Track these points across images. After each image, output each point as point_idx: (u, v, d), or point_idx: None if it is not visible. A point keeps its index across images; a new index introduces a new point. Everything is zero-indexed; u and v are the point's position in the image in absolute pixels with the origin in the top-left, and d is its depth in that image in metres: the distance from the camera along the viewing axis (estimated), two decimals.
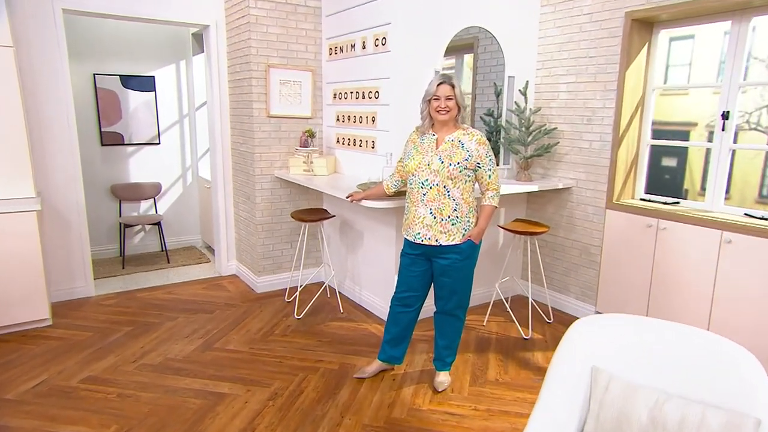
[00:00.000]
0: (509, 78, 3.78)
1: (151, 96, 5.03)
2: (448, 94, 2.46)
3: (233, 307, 3.82)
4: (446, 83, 2.47)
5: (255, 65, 3.84)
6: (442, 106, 2.45)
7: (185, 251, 5.30)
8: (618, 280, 3.40)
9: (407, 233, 2.61)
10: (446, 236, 2.51)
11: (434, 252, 2.56)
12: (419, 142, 2.58)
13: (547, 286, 3.94)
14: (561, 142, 3.66)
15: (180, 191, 5.38)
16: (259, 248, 4.09)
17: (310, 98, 4.06)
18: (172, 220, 5.39)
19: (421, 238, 2.54)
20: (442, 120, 2.48)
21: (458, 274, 2.58)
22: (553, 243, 3.85)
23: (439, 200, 2.48)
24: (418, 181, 2.50)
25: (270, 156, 4.01)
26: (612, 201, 3.38)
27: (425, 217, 2.50)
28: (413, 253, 2.63)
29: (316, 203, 4.26)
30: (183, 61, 5.20)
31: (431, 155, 2.50)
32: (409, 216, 2.57)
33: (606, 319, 1.70)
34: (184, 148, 5.33)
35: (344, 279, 4.10)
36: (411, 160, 2.53)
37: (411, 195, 2.55)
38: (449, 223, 2.49)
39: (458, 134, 2.51)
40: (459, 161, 2.44)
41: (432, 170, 2.46)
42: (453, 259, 2.54)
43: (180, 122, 5.28)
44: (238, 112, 4.15)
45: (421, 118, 2.59)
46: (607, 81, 3.34)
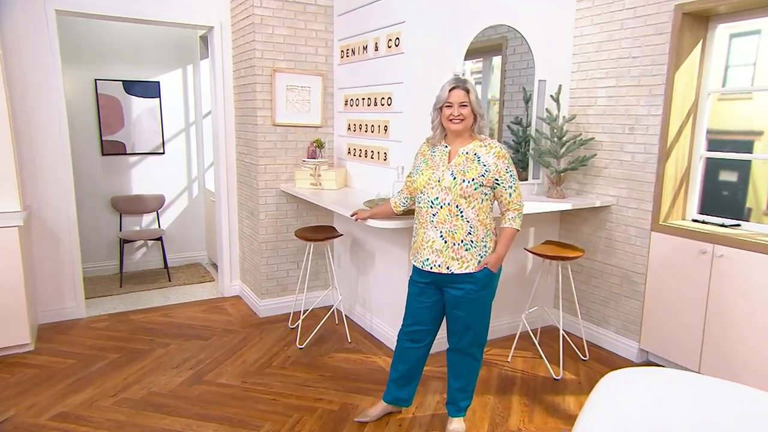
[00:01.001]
0: (540, 82, 3.58)
1: (156, 103, 5.00)
2: (462, 100, 2.27)
3: (231, 333, 3.68)
4: (459, 88, 2.27)
5: (259, 69, 3.74)
6: (455, 114, 2.26)
7: (189, 269, 5.24)
8: (666, 313, 3.14)
9: (415, 259, 2.42)
10: (458, 263, 2.31)
11: (445, 281, 2.36)
12: (430, 155, 2.40)
13: (582, 318, 3.66)
14: (599, 154, 3.45)
15: (185, 204, 5.33)
16: (262, 268, 3.96)
17: (320, 105, 3.94)
18: (176, 235, 5.33)
19: (429, 264, 2.33)
20: (455, 130, 2.30)
21: (473, 307, 2.36)
22: (589, 268, 3.60)
23: (450, 222, 2.28)
24: (428, 199, 2.31)
25: (275, 168, 3.89)
26: (658, 222, 3.14)
27: (434, 240, 2.30)
28: (422, 281, 2.43)
29: (325, 219, 4.12)
30: (190, 65, 5.16)
31: (442, 170, 2.30)
32: (417, 239, 2.38)
33: (646, 375, 1.44)
34: (190, 159, 5.29)
35: (354, 304, 3.94)
36: (420, 176, 2.35)
37: (419, 215, 2.37)
38: (462, 249, 2.29)
39: (474, 146, 2.32)
40: (474, 177, 2.25)
41: (443, 187, 2.27)
42: (467, 289, 2.34)
43: (186, 131, 5.24)
44: (242, 120, 4.07)
45: (432, 128, 2.40)
46: (652, 84, 3.10)
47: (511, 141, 3.80)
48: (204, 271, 5.13)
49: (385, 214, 2.70)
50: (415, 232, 2.42)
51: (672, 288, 3.09)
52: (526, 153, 3.70)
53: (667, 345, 3.15)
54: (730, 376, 2.85)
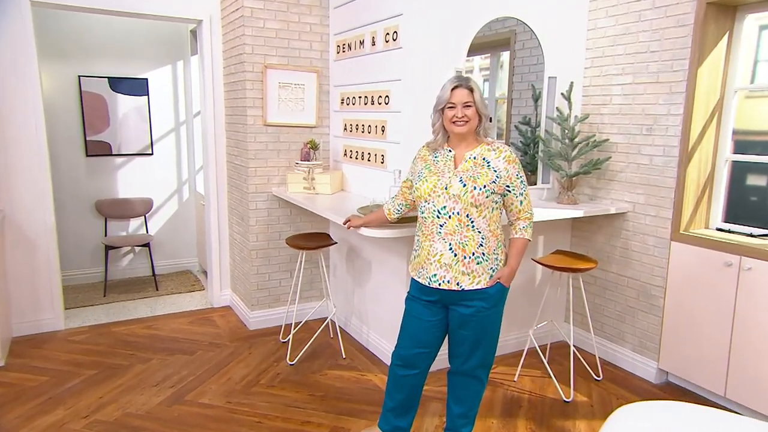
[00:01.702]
0: (549, 79, 3.46)
1: (144, 101, 4.92)
2: (466, 101, 2.15)
3: (218, 348, 3.57)
4: (462, 86, 2.16)
5: (250, 66, 3.64)
6: (459, 115, 2.15)
7: (178, 276, 5.15)
8: (687, 331, 3.00)
9: (419, 275, 2.26)
10: (469, 278, 2.17)
11: (453, 298, 2.22)
12: (432, 160, 2.26)
13: (595, 333, 3.52)
14: (614, 156, 3.33)
15: (175, 208, 5.24)
16: (252, 278, 3.86)
17: (315, 104, 3.84)
18: (164, 241, 5.24)
19: (438, 281, 2.19)
20: (459, 133, 2.18)
21: (483, 326, 2.24)
22: (603, 280, 3.47)
23: (460, 233, 2.15)
24: (434, 208, 2.17)
25: (266, 171, 3.79)
26: (679, 231, 3.01)
27: (443, 254, 2.16)
28: (426, 299, 2.27)
29: (320, 226, 4.01)
30: (180, 61, 5.08)
31: (449, 176, 2.18)
32: (422, 253, 2.23)
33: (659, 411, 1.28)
34: (180, 160, 5.20)
35: (350, 316, 3.83)
36: (423, 183, 2.20)
37: (423, 226, 2.22)
38: (474, 262, 2.16)
39: (482, 150, 2.20)
40: (485, 184, 2.14)
41: (451, 195, 2.14)
42: (477, 307, 2.21)
43: (176, 130, 5.15)
44: (232, 120, 3.97)
45: (433, 132, 2.27)
46: (673, 81, 2.97)
47: (518, 142, 3.68)
48: (194, 280, 5.04)
49: (378, 221, 2.58)
50: (417, 245, 2.27)
51: (694, 303, 2.95)
52: (534, 155, 3.58)
53: (689, 365, 3.00)
54: (760, 402, 2.69)
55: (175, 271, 5.28)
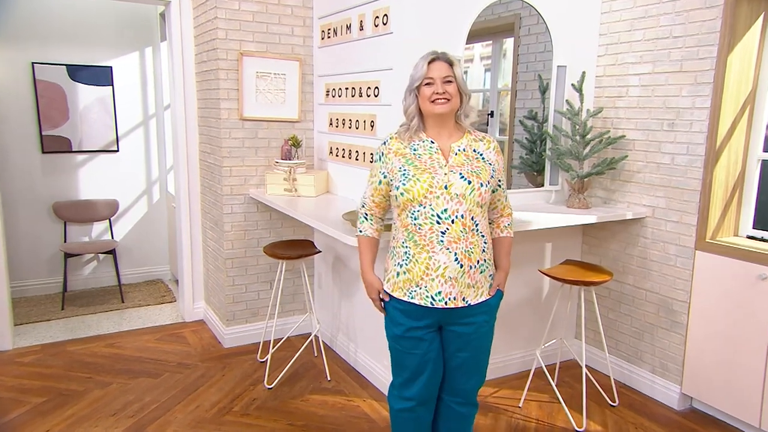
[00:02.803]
0: (559, 68, 3.34)
1: (108, 91, 4.78)
2: (446, 75, 1.98)
3: (188, 369, 3.43)
4: (440, 59, 2.01)
5: (223, 53, 3.50)
6: (440, 91, 1.97)
7: (148, 287, 5.01)
8: (715, 351, 2.88)
9: (413, 294, 2.02)
10: (474, 291, 2.04)
11: (454, 317, 2.04)
12: (410, 154, 2.05)
13: (610, 353, 3.38)
14: (630, 155, 3.22)
15: (144, 211, 5.11)
16: (227, 290, 3.73)
17: (297, 96, 3.72)
18: (132, 247, 5.11)
19: (443, 299, 2.00)
20: (440, 113, 2.00)
21: (481, 342, 2.12)
22: (618, 293, 3.36)
23: (466, 239, 1.99)
24: (431, 213, 1.97)
25: (243, 170, 3.66)
26: (704, 239, 2.89)
27: (447, 266, 1.98)
28: (419, 325, 2.05)
29: (304, 232, 3.89)
30: (148, 48, 4.94)
31: (444, 172, 1.99)
32: (416, 268, 2.00)
33: None
34: (149, 157, 5.07)
35: (336, 332, 3.71)
36: (415, 183, 1.98)
37: (417, 235, 1.99)
38: (478, 271, 2.04)
39: (469, 141, 2.08)
40: (488, 180, 2.04)
41: (453, 195, 1.97)
42: (479, 322, 2.07)
43: (145, 124, 5.02)
44: (205, 113, 3.84)
45: (405, 118, 2.08)
46: (698, 71, 2.86)
47: (524, 139, 3.57)
48: (165, 290, 4.92)
49: (375, 252, 2.24)
50: (406, 259, 2.03)
51: (723, 320, 2.83)
52: (541, 154, 3.46)
53: (717, 391, 2.88)
54: None
55: (144, 281, 5.15)
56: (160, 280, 5.16)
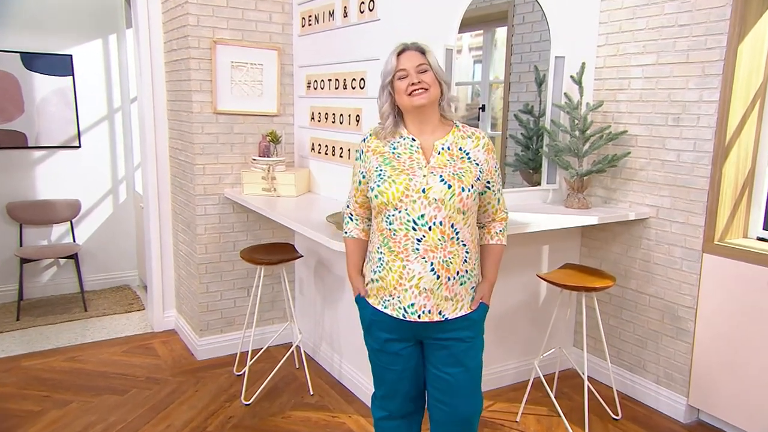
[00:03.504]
0: (557, 59, 3.30)
1: (68, 82, 4.67)
2: (419, 63, 1.90)
3: (158, 384, 3.33)
4: (410, 49, 1.93)
5: (195, 41, 3.41)
6: (415, 81, 1.89)
7: (114, 294, 4.92)
8: (724, 361, 2.86)
9: (385, 304, 1.97)
10: (452, 304, 1.95)
11: (431, 331, 1.98)
12: (390, 153, 1.97)
13: (611, 362, 3.34)
14: (633, 152, 3.19)
15: (109, 212, 5.02)
16: (201, 297, 3.64)
17: (276, 88, 3.65)
18: (96, 251, 5.00)
19: (416, 312, 1.92)
20: (419, 105, 1.90)
21: (469, 361, 2.01)
22: (620, 298, 3.33)
23: (444, 248, 1.90)
24: (407, 218, 1.89)
25: (217, 168, 3.59)
26: (712, 241, 2.87)
27: (422, 276, 1.90)
28: (393, 337, 2.01)
29: (283, 234, 3.81)
30: (113, 35, 4.83)
31: (423, 174, 1.90)
32: (389, 276, 1.93)
33: None
34: (115, 154, 4.97)
35: (319, 342, 3.65)
36: (390, 184, 1.90)
37: (392, 241, 1.92)
38: (457, 283, 1.94)
39: (454, 138, 1.98)
40: (472, 183, 1.92)
41: (431, 200, 1.88)
42: (461, 338, 1.98)
43: (109, 118, 4.92)
44: (175, 106, 3.75)
45: (380, 118, 2.01)
46: (706, 61, 2.83)
47: (519, 134, 3.52)
48: (132, 297, 4.82)
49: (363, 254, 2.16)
50: (380, 266, 1.96)
51: (733, 327, 2.81)
52: (538, 150, 3.41)
53: (726, 403, 2.85)
54: None
55: (109, 287, 5.06)
56: (127, 287, 5.07)
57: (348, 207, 2.14)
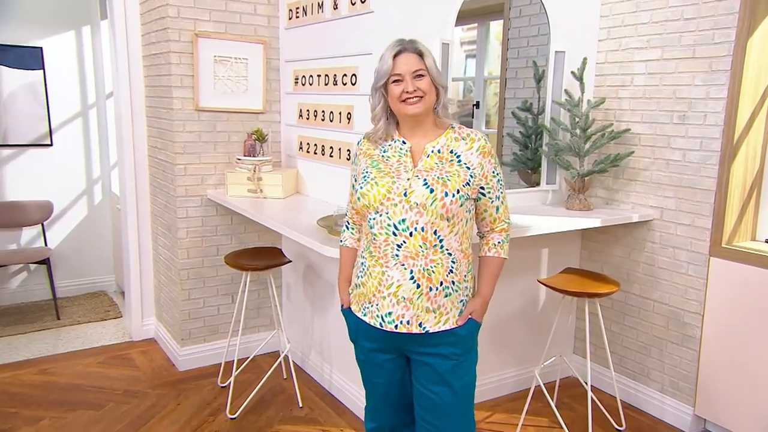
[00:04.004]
0: (557, 54, 3.26)
1: (38, 76, 4.60)
2: (416, 68, 1.85)
3: (136, 398, 3.27)
4: (408, 51, 1.86)
5: (175, 33, 3.34)
6: (410, 90, 1.84)
7: (89, 300, 4.85)
8: (732, 369, 2.84)
9: (365, 311, 1.94)
10: (435, 316, 1.90)
11: (413, 344, 1.93)
12: (379, 156, 1.96)
13: (614, 370, 3.32)
14: (636, 151, 3.17)
15: (84, 214, 4.95)
16: (182, 304, 3.58)
17: (261, 83, 3.61)
18: (70, 256, 4.93)
19: (393, 321, 1.88)
20: (413, 114, 1.88)
21: (455, 380, 1.94)
22: (622, 303, 3.32)
23: (425, 256, 1.86)
24: (388, 222, 1.86)
25: (200, 169, 3.54)
26: (720, 244, 2.86)
27: (401, 285, 1.86)
28: (380, 348, 1.99)
29: (269, 238, 3.77)
30: (86, 27, 4.76)
31: (408, 177, 1.87)
32: (369, 282, 1.91)
33: None
34: (89, 153, 4.91)
35: (308, 351, 3.60)
36: (372, 187, 1.88)
37: (372, 246, 1.90)
38: (441, 294, 1.89)
39: (447, 140, 1.94)
40: (458, 188, 1.86)
41: (413, 204, 1.84)
42: (446, 354, 1.93)
43: (83, 115, 4.86)
44: (154, 103, 3.69)
45: (372, 120, 1.97)
46: (714, 56, 2.82)
47: (517, 133, 3.50)
48: (109, 304, 4.76)
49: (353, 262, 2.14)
50: (362, 271, 1.94)
51: (741, 334, 2.79)
52: (537, 149, 3.39)
53: (736, 413, 2.84)
54: None
55: (84, 293, 4.99)
56: (103, 293, 5.00)
57: (346, 215, 2.15)
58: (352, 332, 2.05)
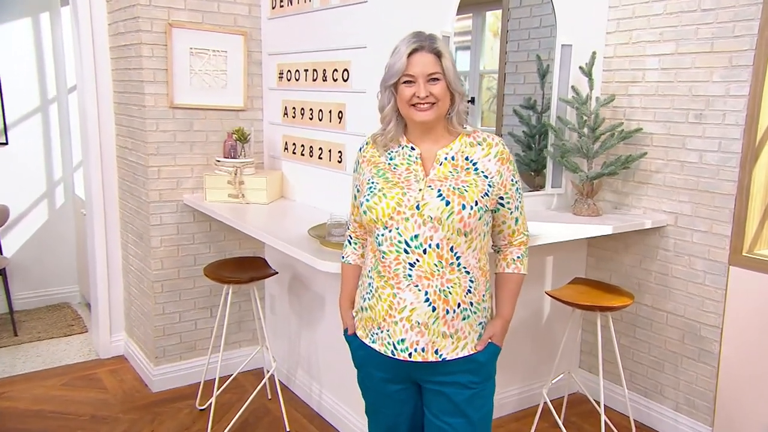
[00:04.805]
0: (563, 48, 3.20)
1: None
2: (431, 72, 1.72)
3: (106, 424, 3.16)
4: (425, 49, 1.73)
5: (146, 23, 3.23)
6: (422, 95, 1.72)
7: (50, 313, 4.71)
8: (755, 386, 2.79)
9: (373, 337, 1.82)
10: (452, 342, 1.79)
11: (427, 373, 1.83)
12: (386, 164, 1.84)
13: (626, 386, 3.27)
14: (649, 152, 3.12)
15: (44, 218, 4.82)
16: (156, 319, 3.47)
17: (242, 78, 3.54)
18: (29, 264, 4.79)
19: (407, 349, 1.77)
20: (422, 121, 1.77)
21: (473, 411, 1.85)
22: (632, 315, 3.27)
23: (441, 275, 1.75)
24: (399, 239, 1.74)
25: (175, 171, 3.43)
26: (741, 252, 2.80)
27: (415, 308, 1.74)
28: (391, 378, 1.87)
29: (251, 246, 3.68)
30: (45, 13, 4.61)
31: (419, 188, 1.76)
32: (378, 305, 1.79)
33: None
34: (50, 152, 4.78)
35: (295, 369, 3.51)
36: (380, 199, 1.76)
37: (381, 265, 1.78)
38: (459, 317, 1.78)
39: (461, 146, 1.83)
40: (477, 199, 1.75)
41: (426, 218, 1.72)
42: (464, 382, 1.82)
43: (43, 111, 4.72)
44: (124, 99, 3.57)
45: (381, 120, 1.85)
46: (734, 51, 2.76)
47: (521, 132, 3.43)
48: (73, 317, 4.61)
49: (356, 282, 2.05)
50: (369, 293, 1.83)
51: (763, 348, 2.75)
52: (541, 150, 3.32)
53: None
54: None
55: (45, 306, 4.84)
56: (66, 305, 4.85)
57: (348, 228, 2.04)
58: (357, 359, 1.94)
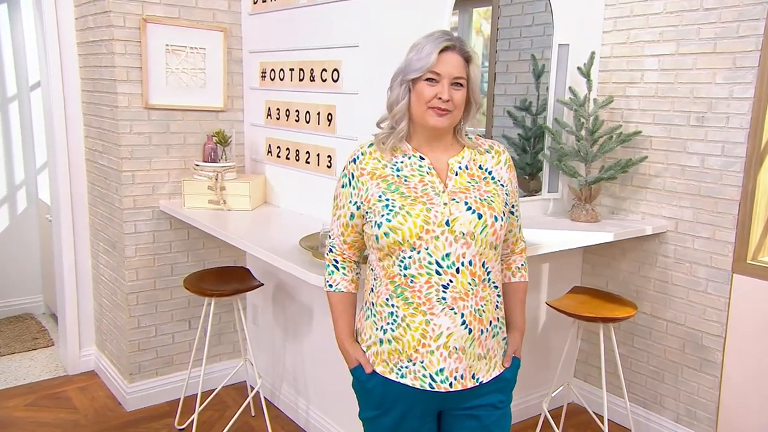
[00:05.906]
0: (560, 47, 3.19)
1: None
2: (458, 75, 1.64)
3: None
4: (455, 50, 1.65)
5: (119, 18, 3.15)
6: (445, 97, 1.63)
7: (12, 325, 4.59)
8: (758, 395, 2.81)
9: (402, 372, 1.70)
10: (486, 363, 1.74)
11: (458, 401, 1.75)
12: (394, 175, 1.72)
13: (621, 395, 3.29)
14: (649, 156, 3.13)
15: (4, 224, 4.73)
16: (130, 333, 3.39)
17: (222, 77, 3.49)
18: None
19: (446, 379, 1.68)
20: (434, 126, 1.68)
21: (501, 430, 1.83)
22: (631, 323, 3.27)
23: (475, 293, 1.68)
24: (429, 260, 1.64)
25: (150, 176, 3.36)
26: (744, 260, 2.81)
27: (452, 333, 1.66)
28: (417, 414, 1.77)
29: (232, 253, 3.62)
30: (3, 4, 4.52)
31: (443, 201, 1.67)
32: (408, 335, 1.67)
33: None
34: (10, 153, 4.69)
35: (279, 384, 3.46)
36: (403, 218, 1.64)
37: (408, 291, 1.67)
38: (490, 336, 1.74)
39: (471, 154, 1.77)
40: (503, 209, 1.74)
41: (458, 234, 1.64)
42: (494, 403, 1.78)
43: (2, 108, 4.63)
44: (94, 99, 3.47)
45: (390, 119, 1.75)
46: (738, 52, 2.77)
47: (513, 134, 3.41)
48: (37, 329, 4.50)
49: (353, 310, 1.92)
50: (391, 323, 1.70)
51: None
52: (537, 154, 3.31)
53: None
54: None
55: (6, 317, 4.74)
56: (29, 316, 4.74)
57: (331, 251, 1.86)
58: (375, 399, 1.77)
